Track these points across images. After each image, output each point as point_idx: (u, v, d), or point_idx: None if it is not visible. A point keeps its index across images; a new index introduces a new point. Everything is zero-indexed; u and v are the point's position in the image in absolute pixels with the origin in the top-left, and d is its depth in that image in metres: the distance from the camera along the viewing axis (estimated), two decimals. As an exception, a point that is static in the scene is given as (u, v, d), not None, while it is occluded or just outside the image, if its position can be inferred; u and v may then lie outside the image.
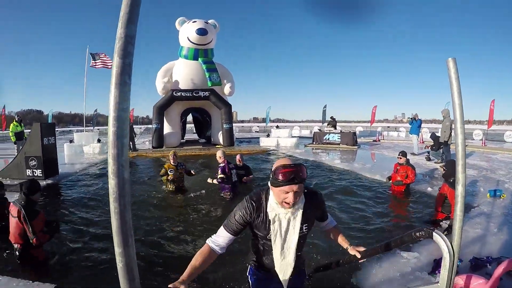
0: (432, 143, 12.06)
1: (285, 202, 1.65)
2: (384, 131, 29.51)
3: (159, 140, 15.56)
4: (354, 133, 17.14)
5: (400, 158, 7.12)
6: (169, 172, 6.92)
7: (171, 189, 7.09)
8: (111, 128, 0.86)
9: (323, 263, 3.05)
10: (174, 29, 16.52)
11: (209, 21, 16.46)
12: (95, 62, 18.36)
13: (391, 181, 7.25)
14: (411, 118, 13.53)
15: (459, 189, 1.68)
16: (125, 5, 0.86)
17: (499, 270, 2.37)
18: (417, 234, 1.71)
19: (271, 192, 1.75)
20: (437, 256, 3.49)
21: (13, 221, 3.65)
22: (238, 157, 7.59)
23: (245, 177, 7.39)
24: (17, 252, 3.69)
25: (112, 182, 0.87)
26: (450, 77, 1.68)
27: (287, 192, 1.62)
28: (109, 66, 18.93)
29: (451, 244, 1.54)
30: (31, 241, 3.59)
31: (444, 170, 5.41)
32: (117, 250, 0.90)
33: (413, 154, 12.51)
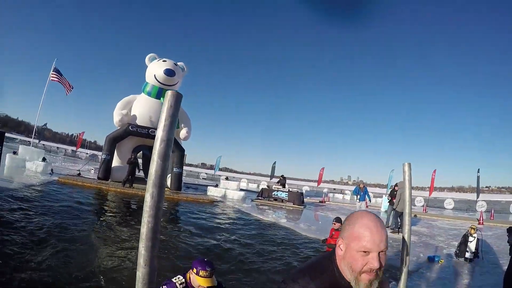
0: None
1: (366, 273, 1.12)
2: (330, 192, 30.64)
3: (106, 172, 14.98)
4: (302, 193, 17.67)
5: (335, 224, 7.36)
6: None
7: None
8: (146, 224, 0.99)
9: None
10: (142, 62, 16.60)
11: (179, 63, 16.76)
12: (56, 76, 17.83)
13: (326, 244, 7.42)
14: (358, 192, 14.22)
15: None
16: (168, 110, 1.00)
17: None
18: None
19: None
20: None
21: None
22: None
23: None
24: None
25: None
26: (405, 179, 1.94)
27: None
28: (68, 88, 18.47)
29: None
30: None
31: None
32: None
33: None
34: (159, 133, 1.02)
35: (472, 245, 7.20)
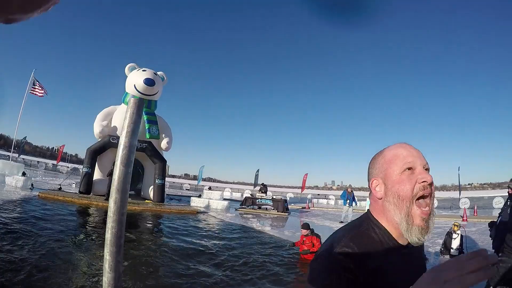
0: None
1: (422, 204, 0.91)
2: (314, 198, 30.72)
3: (88, 186, 14.55)
4: (285, 200, 17.66)
5: (302, 230, 7.39)
6: None
7: None
8: (110, 229, 0.98)
9: None
10: (122, 72, 16.19)
11: (159, 73, 16.45)
12: (36, 89, 17.66)
13: (300, 250, 7.33)
14: (347, 197, 14.22)
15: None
16: (130, 116, 0.94)
17: None
18: None
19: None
20: None
21: None
22: None
23: None
24: None
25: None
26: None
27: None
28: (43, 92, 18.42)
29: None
30: None
31: None
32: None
33: (341, 222, 13.12)
34: (122, 140, 0.99)
35: (455, 242, 7.28)
